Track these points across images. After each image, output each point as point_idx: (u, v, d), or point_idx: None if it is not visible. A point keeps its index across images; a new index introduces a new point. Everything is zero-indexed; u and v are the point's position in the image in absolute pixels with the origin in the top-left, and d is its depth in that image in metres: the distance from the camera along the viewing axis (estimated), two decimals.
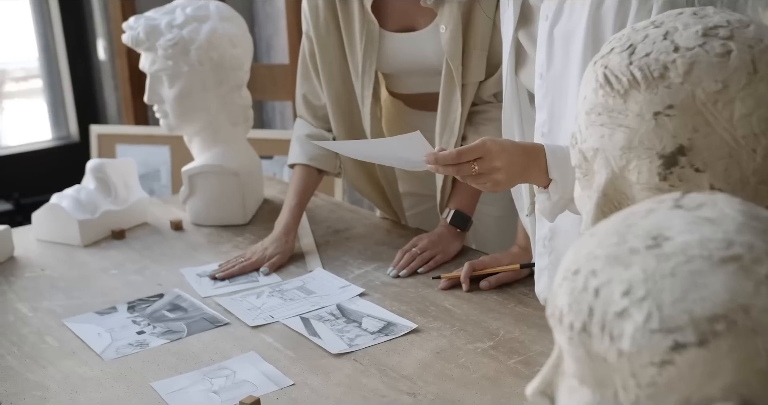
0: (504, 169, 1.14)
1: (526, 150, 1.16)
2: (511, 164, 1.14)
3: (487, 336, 1.29)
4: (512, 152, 1.14)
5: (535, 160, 1.14)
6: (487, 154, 1.13)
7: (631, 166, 0.77)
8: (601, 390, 0.57)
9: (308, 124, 1.78)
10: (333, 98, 1.71)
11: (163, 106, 1.81)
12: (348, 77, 1.69)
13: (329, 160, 1.75)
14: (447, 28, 1.54)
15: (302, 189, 1.73)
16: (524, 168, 1.15)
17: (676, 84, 0.74)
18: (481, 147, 1.13)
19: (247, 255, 1.63)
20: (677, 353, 0.53)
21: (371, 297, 1.46)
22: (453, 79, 1.57)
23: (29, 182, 3.29)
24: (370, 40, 1.62)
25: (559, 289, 0.60)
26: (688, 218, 0.58)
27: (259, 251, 1.63)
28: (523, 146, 1.17)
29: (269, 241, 1.66)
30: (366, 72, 1.64)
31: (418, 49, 1.62)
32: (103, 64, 3.43)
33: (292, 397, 1.15)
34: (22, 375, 1.25)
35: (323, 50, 1.68)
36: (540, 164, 1.14)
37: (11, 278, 1.62)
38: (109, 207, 1.82)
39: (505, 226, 1.67)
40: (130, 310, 1.45)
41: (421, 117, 1.74)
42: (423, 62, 1.63)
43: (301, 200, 1.73)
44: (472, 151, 1.14)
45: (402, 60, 1.65)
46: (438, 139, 1.62)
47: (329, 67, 1.70)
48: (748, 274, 0.53)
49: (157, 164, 3.11)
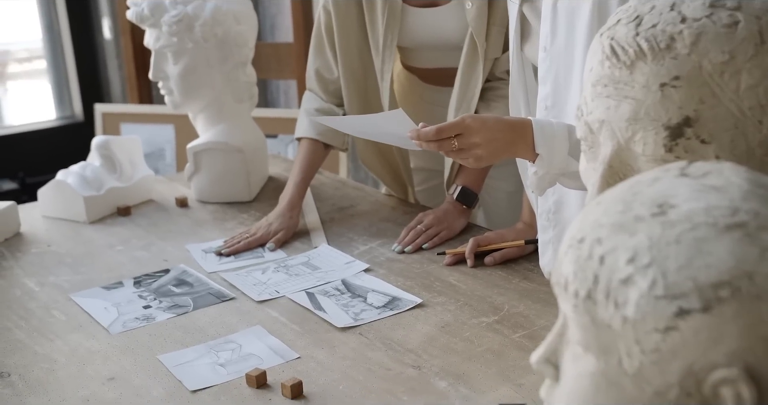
0: (484, 145, 1.15)
1: (511, 126, 1.17)
2: (492, 140, 1.16)
3: (492, 311, 1.30)
4: (494, 128, 1.16)
5: (521, 135, 1.16)
6: (466, 130, 1.15)
7: (637, 138, 0.77)
8: (606, 357, 0.57)
9: (318, 98, 1.78)
10: (348, 73, 1.71)
11: (167, 83, 1.81)
12: (366, 52, 1.69)
13: (337, 135, 1.75)
14: (473, 4, 1.54)
15: (308, 164, 1.73)
16: (508, 143, 1.17)
17: (682, 55, 0.74)
18: (461, 123, 1.16)
19: (252, 230, 1.63)
20: (681, 319, 0.53)
21: (376, 272, 1.47)
22: (476, 55, 1.57)
23: (34, 162, 3.30)
24: (392, 14, 1.61)
25: (565, 257, 0.60)
26: (694, 186, 0.58)
27: (264, 227, 1.63)
28: (509, 122, 1.18)
29: (273, 216, 1.66)
30: (387, 47, 1.64)
31: (440, 24, 1.62)
32: (107, 43, 3.43)
33: (298, 370, 1.16)
34: (30, 348, 1.26)
35: (342, 24, 1.67)
36: (526, 140, 1.15)
37: (18, 254, 1.62)
38: (115, 184, 1.82)
39: (517, 202, 1.67)
40: (137, 285, 1.46)
41: (436, 92, 1.74)
42: (444, 37, 1.63)
43: (306, 176, 1.73)
44: (452, 127, 1.16)
45: (423, 34, 1.65)
46: (454, 114, 1.62)
47: (347, 42, 1.69)
48: (753, 240, 0.54)
49: (162, 143, 3.11)
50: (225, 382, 1.14)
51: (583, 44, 1.14)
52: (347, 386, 1.12)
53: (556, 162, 1.14)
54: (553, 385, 0.64)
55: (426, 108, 1.76)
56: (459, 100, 1.61)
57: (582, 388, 0.59)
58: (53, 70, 3.56)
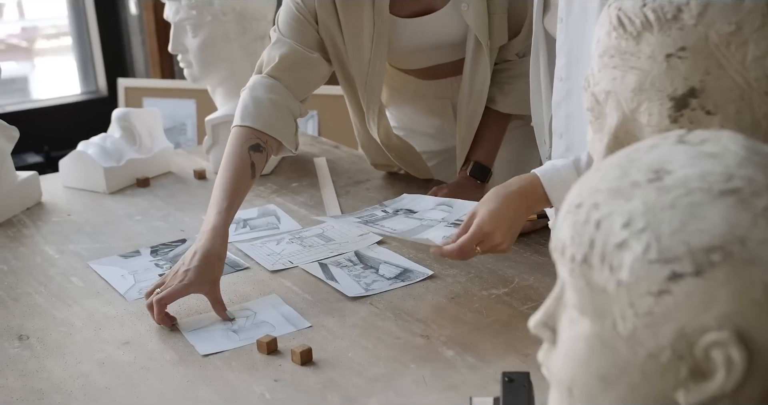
0: (506, 237, 1.18)
1: (522, 194, 1.18)
2: (511, 226, 1.18)
3: (502, 283, 1.31)
4: (508, 214, 1.17)
5: (534, 197, 1.18)
6: (486, 237, 1.18)
7: (642, 109, 0.78)
8: (600, 320, 0.58)
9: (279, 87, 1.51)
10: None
11: (187, 56, 1.83)
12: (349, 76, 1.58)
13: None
14: (469, 5, 1.50)
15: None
16: (526, 213, 1.20)
17: (689, 26, 0.74)
18: (479, 233, 1.17)
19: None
20: (674, 283, 0.54)
21: (389, 245, 1.48)
22: (481, 50, 1.53)
23: (58, 135, 3.33)
24: (380, 33, 1.51)
25: (563, 223, 0.61)
26: (691, 153, 0.58)
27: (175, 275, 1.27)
28: (519, 191, 1.18)
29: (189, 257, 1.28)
30: (378, 60, 1.53)
31: (436, 30, 1.56)
32: (131, 19, 3.45)
33: (308, 338, 1.18)
34: (48, 312, 1.29)
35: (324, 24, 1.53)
36: (540, 198, 1.17)
37: (39, 222, 1.66)
38: (134, 155, 1.85)
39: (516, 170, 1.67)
40: (153, 254, 1.49)
41: (431, 85, 1.69)
42: (441, 41, 1.58)
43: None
44: (472, 240, 1.18)
45: (418, 42, 1.58)
46: (465, 107, 1.60)
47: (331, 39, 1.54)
48: (747, 206, 0.54)
49: (183, 118, 3.14)
50: (236, 347, 1.17)
51: (596, 15, 1.14)
52: (356, 354, 1.13)
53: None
54: (551, 348, 0.65)
55: (421, 101, 1.72)
56: (468, 93, 1.59)
57: (577, 351, 0.60)
58: (78, 45, 3.59)
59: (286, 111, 1.49)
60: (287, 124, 1.49)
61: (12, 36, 3.80)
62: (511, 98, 1.61)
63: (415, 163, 1.73)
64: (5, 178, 1.68)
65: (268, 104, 1.47)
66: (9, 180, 1.69)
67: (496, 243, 1.19)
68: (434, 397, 1.03)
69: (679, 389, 0.55)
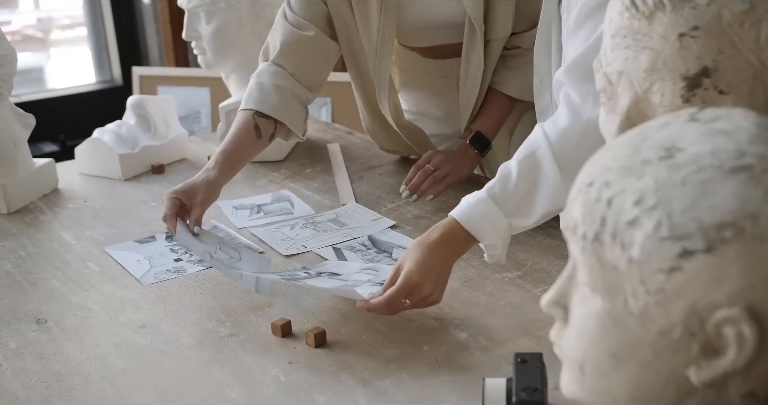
0: (435, 289, 1.12)
1: (444, 241, 1.13)
2: (439, 276, 1.13)
3: (515, 266, 1.31)
4: (434, 264, 1.12)
5: (457, 240, 1.14)
6: (414, 289, 1.11)
7: (655, 89, 0.77)
8: (612, 297, 0.58)
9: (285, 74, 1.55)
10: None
11: (200, 43, 1.84)
12: (360, 49, 1.59)
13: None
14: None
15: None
16: (452, 258, 1.15)
17: (701, 5, 0.74)
18: (406, 285, 1.11)
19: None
20: (685, 260, 0.54)
21: (402, 229, 1.49)
22: (475, 37, 1.53)
23: (74, 124, 3.35)
24: (388, 10, 1.52)
25: (574, 202, 0.61)
26: (702, 130, 0.58)
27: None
28: (439, 239, 1.13)
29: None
30: (385, 42, 1.55)
31: (438, 9, 1.56)
32: (145, 8, 3.45)
33: (322, 320, 1.19)
34: (65, 297, 1.30)
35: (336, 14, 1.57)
36: (462, 238, 1.14)
37: (56, 209, 1.67)
38: (149, 142, 1.86)
39: None
40: (168, 239, 1.50)
41: (439, 65, 1.68)
42: (443, 20, 1.58)
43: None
44: (399, 292, 1.10)
45: (421, 20, 1.58)
46: (461, 90, 1.60)
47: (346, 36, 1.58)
48: (758, 183, 0.54)
49: (198, 106, 3.15)
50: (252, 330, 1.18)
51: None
52: (369, 336, 1.14)
53: (502, 231, 1.13)
54: (563, 327, 0.65)
55: (430, 79, 1.72)
56: (464, 76, 1.58)
57: (589, 329, 0.61)
58: (93, 33, 3.61)
59: (291, 96, 1.53)
60: (292, 109, 1.53)
61: (27, 27, 3.81)
62: (521, 82, 1.60)
63: (423, 144, 1.73)
64: (22, 165, 1.70)
65: (272, 90, 1.51)
66: (26, 167, 1.71)
67: (425, 294, 1.12)
68: (447, 378, 1.04)
69: (691, 366, 0.55)
